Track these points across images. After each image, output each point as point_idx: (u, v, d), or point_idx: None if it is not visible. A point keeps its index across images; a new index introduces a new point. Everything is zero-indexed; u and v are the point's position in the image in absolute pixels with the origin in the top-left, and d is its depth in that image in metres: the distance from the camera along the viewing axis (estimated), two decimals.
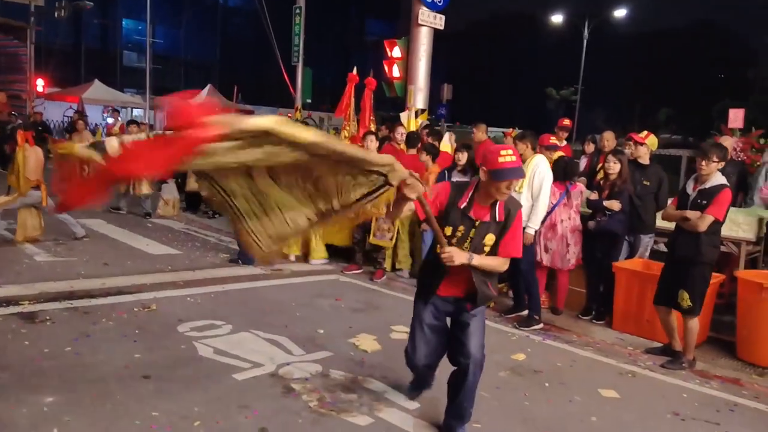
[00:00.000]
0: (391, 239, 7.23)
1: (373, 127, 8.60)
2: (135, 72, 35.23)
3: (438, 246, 3.26)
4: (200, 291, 6.14)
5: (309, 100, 18.67)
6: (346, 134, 8.89)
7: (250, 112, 22.20)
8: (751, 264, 5.99)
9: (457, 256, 3.16)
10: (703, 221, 4.57)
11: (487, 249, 3.29)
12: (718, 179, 4.66)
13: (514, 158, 3.10)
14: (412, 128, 8.97)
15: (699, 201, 4.66)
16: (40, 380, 3.81)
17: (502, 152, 3.12)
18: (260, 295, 6.27)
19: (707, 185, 4.66)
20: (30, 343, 4.42)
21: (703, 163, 4.66)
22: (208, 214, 10.72)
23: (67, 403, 3.53)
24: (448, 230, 3.26)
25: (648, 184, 5.88)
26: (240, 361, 4.36)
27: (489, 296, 3.39)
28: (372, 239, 7.35)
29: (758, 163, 6.61)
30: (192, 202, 11.15)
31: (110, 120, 15.80)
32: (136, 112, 24.38)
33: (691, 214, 4.65)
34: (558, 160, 6.03)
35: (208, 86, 25.16)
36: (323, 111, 23.50)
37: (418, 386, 3.96)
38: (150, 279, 6.43)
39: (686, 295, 4.70)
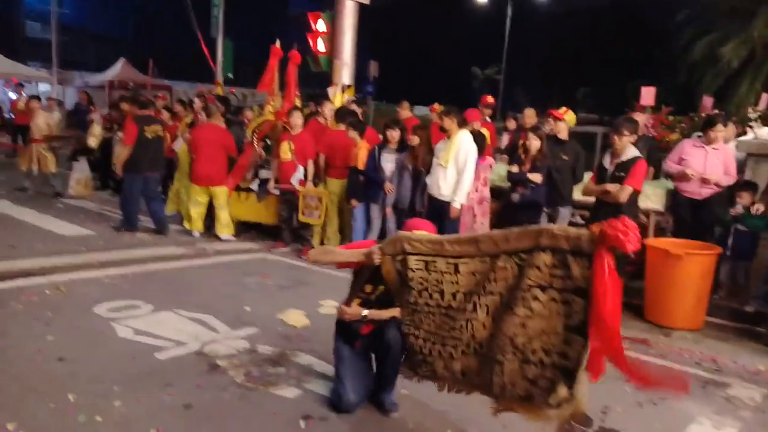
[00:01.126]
0: (320, 217, 7.18)
1: (298, 103, 8.43)
2: (39, 44, 32.84)
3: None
4: (118, 272, 5.88)
5: (231, 75, 18.07)
6: (271, 110, 8.68)
7: (167, 88, 21.37)
8: (660, 233, 6.36)
9: (351, 313, 3.33)
10: (623, 192, 4.83)
11: None
12: (633, 152, 4.92)
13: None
14: (339, 104, 8.88)
15: (617, 174, 4.91)
16: None
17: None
18: (183, 275, 6.08)
19: (623, 158, 4.91)
20: None
21: (616, 137, 4.90)
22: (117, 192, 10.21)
23: None
24: (368, 288, 3.37)
25: (566, 158, 6.11)
26: (162, 341, 4.22)
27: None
28: (301, 217, 7.27)
29: (668, 139, 7.00)
30: (104, 180, 10.63)
31: (13, 95, 14.69)
32: (42, 87, 22.79)
33: (612, 187, 4.90)
34: (472, 135, 6.16)
35: (121, 60, 23.87)
36: (246, 87, 22.82)
37: None
38: (62, 260, 6.09)
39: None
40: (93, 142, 10.23)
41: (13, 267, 5.71)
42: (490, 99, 8.57)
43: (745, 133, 6.48)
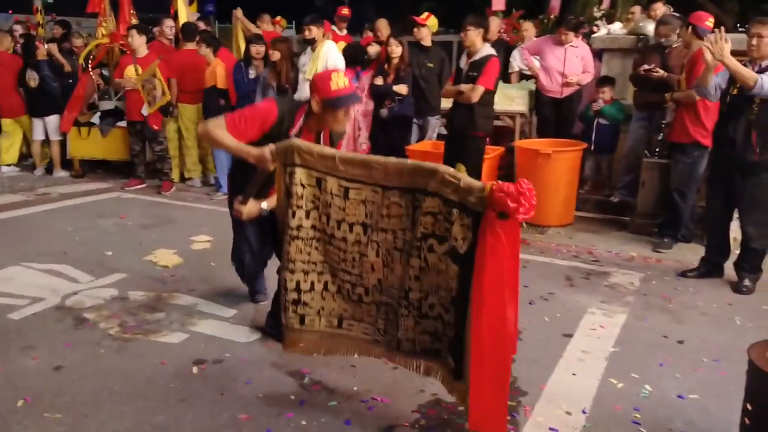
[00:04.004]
0: (163, 94, 6.49)
1: (134, 21, 7.54)
2: None
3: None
4: None
5: (51, 0, 15.90)
6: (104, 32, 7.72)
7: None
8: (522, 136, 6.60)
9: (246, 211, 2.90)
10: (475, 92, 4.79)
11: None
12: (486, 50, 4.88)
13: (347, 83, 2.83)
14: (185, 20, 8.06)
15: (471, 74, 4.87)
16: None
17: (334, 77, 2.80)
18: (27, 224, 5.41)
19: (476, 57, 4.86)
20: None
21: (462, 34, 4.87)
22: None
23: None
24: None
25: (432, 66, 6.04)
26: (14, 299, 3.73)
27: None
28: (148, 109, 6.54)
29: (520, 44, 7.15)
30: None
31: None
32: None
33: (465, 87, 4.86)
34: (347, 47, 5.90)
35: None
36: (69, 15, 20.20)
37: (255, 293, 3.76)
38: None
39: (463, 168, 4.99)
40: None
41: None
42: (345, 11, 8.22)
43: (593, 32, 6.77)
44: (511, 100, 6.30)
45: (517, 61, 6.81)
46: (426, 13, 6.22)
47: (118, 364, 3.02)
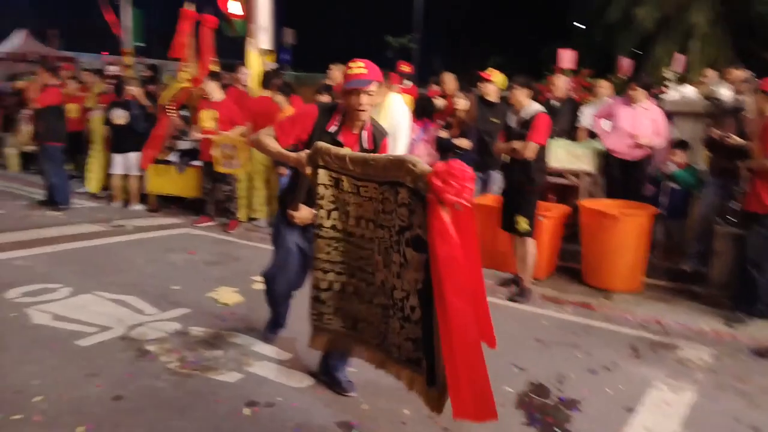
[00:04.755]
0: (241, 166, 6.80)
1: (214, 69, 7.97)
2: None
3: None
4: (29, 253, 5.42)
5: (142, 44, 17.02)
6: (186, 77, 8.19)
7: (71, 60, 19.91)
8: (589, 196, 6.48)
9: (299, 216, 3.09)
10: (528, 149, 4.86)
11: None
12: (534, 107, 4.95)
13: (363, 70, 2.95)
14: (259, 70, 8.46)
15: (521, 131, 4.93)
16: None
17: (351, 65, 2.99)
18: (102, 254, 5.68)
19: (525, 115, 4.93)
20: None
21: (509, 93, 4.95)
22: (32, 171, 9.49)
23: None
24: None
25: (497, 121, 6.06)
26: (84, 326, 3.90)
27: None
28: (219, 168, 6.85)
29: (588, 101, 7.10)
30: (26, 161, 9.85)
31: None
32: None
33: (518, 144, 4.93)
34: (418, 99, 6.03)
35: (21, 31, 22.01)
36: (156, 57, 21.61)
37: (274, 325, 3.84)
38: None
39: (522, 219, 4.98)
40: (27, 148, 9.36)
41: None
42: (405, 67, 8.42)
43: (662, 93, 6.66)
44: (577, 158, 6.22)
45: (585, 120, 6.76)
46: (491, 70, 6.29)
47: (175, 399, 3.09)
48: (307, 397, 3.21)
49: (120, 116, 7.51)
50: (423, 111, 6.05)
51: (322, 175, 2.66)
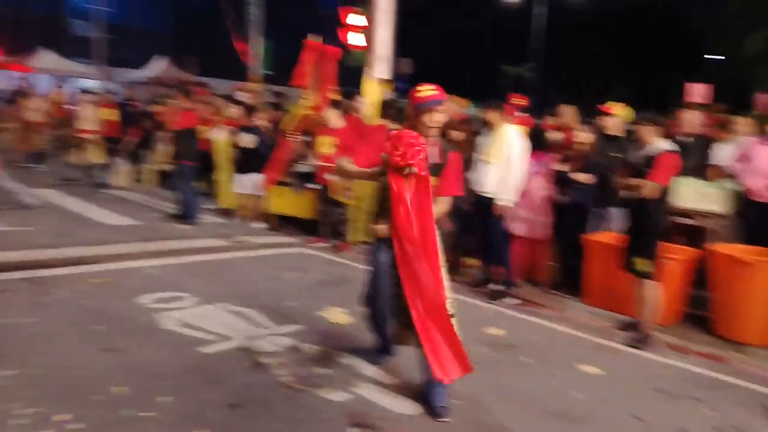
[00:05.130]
0: (352, 198, 6.98)
1: (334, 97, 8.31)
2: (86, 41, 33.58)
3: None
4: (161, 262, 5.87)
5: (268, 72, 18.11)
6: (307, 104, 8.60)
7: (205, 85, 21.57)
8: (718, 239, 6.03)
9: (380, 230, 3.34)
10: (647, 188, 4.59)
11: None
12: (660, 145, 4.66)
13: (435, 91, 3.29)
14: (377, 100, 8.71)
15: (643, 169, 4.68)
16: None
17: (420, 88, 3.32)
18: (224, 267, 6.03)
19: (649, 152, 4.66)
20: None
21: (634, 129, 4.72)
22: (166, 186, 10.32)
23: (27, 377, 3.30)
24: None
25: (618, 156, 5.82)
26: (206, 334, 4.15)
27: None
28: (333, 195, 7.09)
29: (723, 139, 6.65)
30: (163, 177, 10.76)
31: (55, 88, 14.87)
32: (89, 83, 23.25)
33: (636, 181, 4.67)
34: (531, 130, 5.94)
35: (163, 58, 24.26)
36: (281, 84, 22.89)
37: (381, 350, 3.89)
38: (108, 250, 6.11)
39: (639, 261, 4.73)
40: (163, 166, 10.15)
41: (62, 255, 5.76)
42: (519, 100, 8.28)
43: None
44: (708, 198, 5.80)
45: (718, 158, 6.32)
46: (612, 103, 6.07)
47: (286, 412, 3.21)
48: (409, 423, 3.22)
49: (247, 140, 8.00)
50: (536, 143, 5.93)
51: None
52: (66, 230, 6.78)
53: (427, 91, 3.28)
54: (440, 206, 3.38)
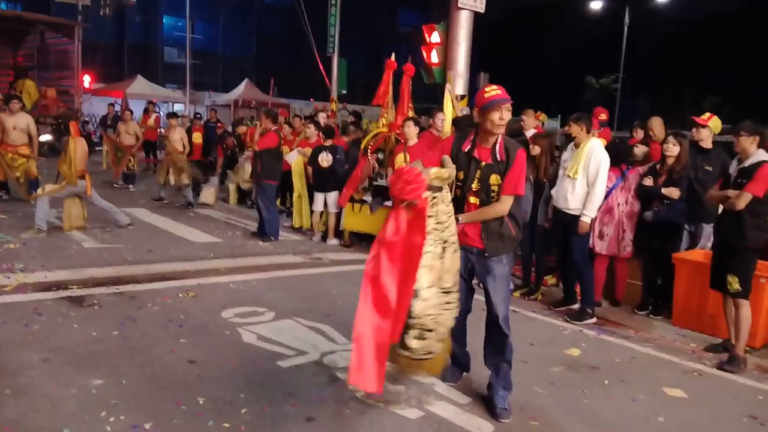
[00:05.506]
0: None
1: (411, 114, 8.39)
2: (175, 67, 35.69)
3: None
4: (242, 278, 6.09)
5: (344, 91, 18.54)
6: (384, 122, 8.72)
7: (286, 106, 22.35)
8: None
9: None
10: (740, 199, 4.37)
11: (495, 189, 3.41)
12: (759, 156, 4.42)
13: (499, 91, 3.35)
14: (452, 115, 8.71)
15: (740, 180, 4.45)
16: (89, 363, 3.77)
17: (487, 89, 3.38)
18: (301, 283, 6.18)
19: (747, 163, 4.44)
20: (78, 326, 4.41)
21: (734, 139, 4.47)
22: (248, 205, 10.74)
23: (115, 387, 3.48)
24: (461, 174, 3.41)
25: (710, 169, 5.54)
26: (284, 348, 4.26)
27: (503, 236, 3.44)
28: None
29: None
30: (242, 195, 11.22)
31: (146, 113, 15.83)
32: (177, 106, 24.65)
33: (732, 192, 4.45)
34: (611, 143, 5.75)
35: (245, 81, 25.39)
36: (357, 103, 23.37)
37: (457, 366, 3.87)
38: (193, 266, 6.41)
39: (733, 279, 4.48)
40: (245, 184, 10.62)
41: (151, 270, 6.10)
42: (603, 116, 8.01)
43: None
44: None
45: None
46: (708, 114, 5.78)
47: (361, 427, 3.24)
48: None
49: (325, 159, 8.20)
50: (618, 156, 5.73)
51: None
52: (154, 247, 7.15)
53: (492, 91, 3.36)
54: (503, 205, 3.39)
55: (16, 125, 9.20)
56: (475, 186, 3.41)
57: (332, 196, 8.29)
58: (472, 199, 3.44)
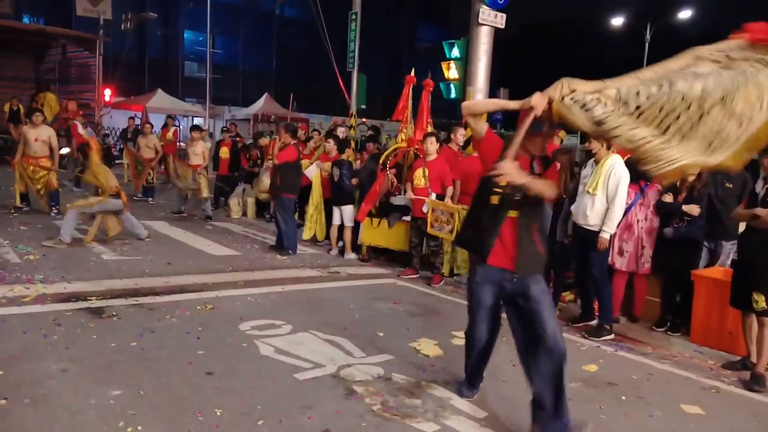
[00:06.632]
0: (451, 232, 7.00)
1: (431, 129, 8.44)
2: (195, 81, 36.28)
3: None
4: (260, 291, 6.13)
5: (363, 106, 18.68)
6: (403, 137, 8.77)
7: (305, 121, 22.58)
8: None
9: (508, 171, 3.20)
10: None
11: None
12: None
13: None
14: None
15: (766, 198, 4.39)
16: (107, 373, 3.82)
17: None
18: (318, 297, 6.20)
19: None
20: (97, 337, 4.46)
21: (761, 159, 4.47)
22: (266, 218, 10.83)
23: (132, 397, 3.52)
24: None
25: (730, 186, 5.51)
26: (301, 361, 4.28)
27: (536, 256, 3.43)
28: (430, 230, 7.15)
29: None
30: (260, 208, 11.33)
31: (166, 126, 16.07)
32: (197, 120, 25.02)
33: (761, 211, 4.39)
34: (630, 159, 5.70)
35: (265, 95, 25.74)
36: (376, 118, 23.54)
37: (471, 383, 3.88)
38: (211, 278, 6.47)
39: (760, 297, 4.42)
40: (262, 195, 10.71)
41: (169, 282, 6.16)
42: None
43: None
44: None
45: None
46: None
47: None
48: None
49: (335, 173, 8.27)
50: (637, 172, 5.70)
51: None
52: (173, 260, 7.23)
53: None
54: (549, 190, 3.38)
55: (38, 137, 9.42)
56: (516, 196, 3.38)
57: (347, 210, 8.34)
58: (512, 213, 3.39)
